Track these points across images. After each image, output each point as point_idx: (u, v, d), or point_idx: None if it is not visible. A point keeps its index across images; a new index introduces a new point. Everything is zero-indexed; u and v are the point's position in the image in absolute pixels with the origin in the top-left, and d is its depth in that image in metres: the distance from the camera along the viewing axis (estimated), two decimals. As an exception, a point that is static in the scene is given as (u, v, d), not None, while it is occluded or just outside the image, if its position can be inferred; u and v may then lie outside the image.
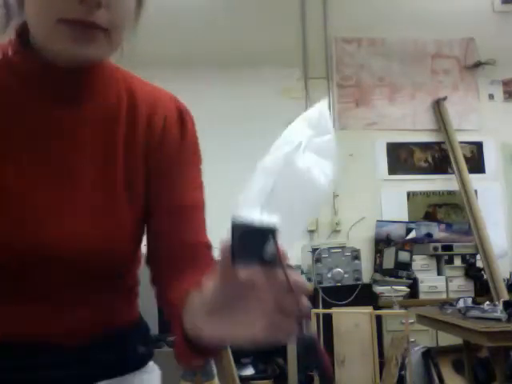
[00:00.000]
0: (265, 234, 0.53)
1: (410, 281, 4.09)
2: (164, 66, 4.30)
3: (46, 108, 0.77)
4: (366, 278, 4.14)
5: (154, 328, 3.17)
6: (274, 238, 0.53)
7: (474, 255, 4.17)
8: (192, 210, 0.86)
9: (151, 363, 0.92)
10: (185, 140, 0.87)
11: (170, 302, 0.76)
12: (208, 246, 0.86)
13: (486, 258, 4.05)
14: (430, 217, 4.58)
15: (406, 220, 4.51)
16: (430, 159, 4.68)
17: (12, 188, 0.73)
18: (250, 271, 0.53)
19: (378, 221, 4.46)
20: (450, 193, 4.59)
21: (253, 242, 0.53)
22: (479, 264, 4.16)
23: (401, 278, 4.08)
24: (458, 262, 4.17)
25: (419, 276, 4.12)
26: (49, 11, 0.70)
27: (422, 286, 4.09)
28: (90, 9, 0.69)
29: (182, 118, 0.89)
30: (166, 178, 0.84)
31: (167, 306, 0.78)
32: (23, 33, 0.76)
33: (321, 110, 0.72)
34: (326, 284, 3.92)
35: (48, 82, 0.76)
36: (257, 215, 0.54)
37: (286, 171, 0.60)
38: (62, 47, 0.71)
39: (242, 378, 3.41)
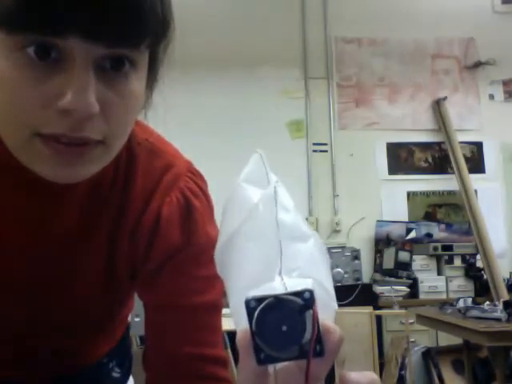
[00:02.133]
0: (303, 307, 0.36)
1: (410, 281, 4.09)
2: (164, 65, 4.30)
3: (23, 197, 0.63)
4: (366, 278, 4.14)
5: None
6: (313, 311, 0.36)
7: (474, 255, 4.17)
8: (200, 318, 0.70)
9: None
10: (188, 234, 0.70)
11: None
12: (219, 362, 0.71)
13: (486, 258, 4.05)
14: (430, 217, 4.58)
15: (406, 220, 4.51)
16: (430, 159, 4.68)
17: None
18: (288, 372, 0.37)
19: (377, 221, 4.46)
20: (449, 193, 4.59)
21: (284, 322, 0.36)
22: (479, 264, 4.16)
23: (401, 278, 4.08)
24: (458, 261, 4.17)
25: (419, 276, 4.12)
26: (20, 120, 0.52)
27: (422, 286, 4.09)
28: (79, 122, 0.51)
29: (189, 209, 0.70)
30: (155, 282, 0.71)
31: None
32: None
33: (255, 162, 0.56)
34: (325, 284, 3.92)
35: (30, 187, 0.62)
36: (278, 283, 0.39)
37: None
38: (40, 168, 0.54)
39: (242, 378, 3.40)
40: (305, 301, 0.36)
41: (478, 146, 4.71)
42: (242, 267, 0.44)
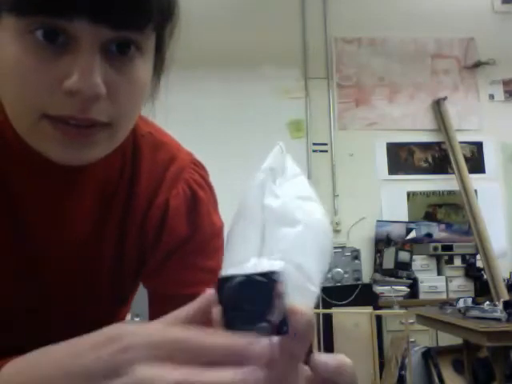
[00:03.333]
0: (269, 287, 0.37)
1: (410, 281, 4.09)
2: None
3: (39, 189, 0.64)
4: (366, 278, 4.14)
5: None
6: (281, 291, 0.38)
7: (474, 255, 4.17)
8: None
9: None
10: (194, 225, 0.71)
11: None
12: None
13: (486, 258, 4.05)
14: (430, 217, 4.58)
15: (406, 220, 4.51)
16: (430, 159, 4.68)
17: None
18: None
19: (377, 221, 4.46)
20: (449, 193, 4.59)
21: (253, 300, 0.37)
22: (479, 264, 4.15)
23: (401, 278, 4.08)
24: (457, 262, 4.17)
25: (419, 276, 4.11)
26: (29, 102, 0.53)
27: (422, 286, 4.09)
28: (85, 103, 0.52)
29: (195, 201, 0.72)
30: (162, 273, 0.72)
31: None
32: None
33: (277, 154, 0.57)
34: (326, 284, 3.92)
35: (43, 173, 0.63)
36: (252, 264, 0.42)
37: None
38: (48, 150, 0.55)
39: (242, 378, 3.41)
40: (270, 281, 0.37)
41: (478, 146, 4.71)
42: (230, 248, 0.47)
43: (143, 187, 0.69)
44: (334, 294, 3.86)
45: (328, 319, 3.63)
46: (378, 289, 4.03)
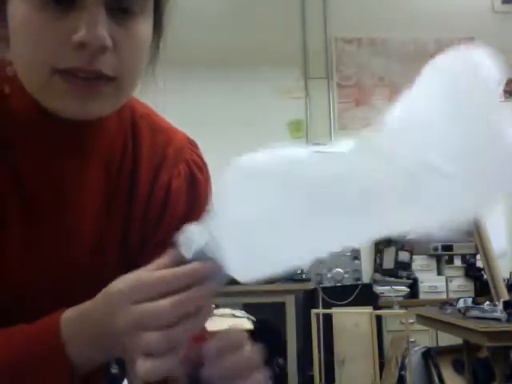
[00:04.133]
0: None
1: (410, 281, 4.09)
2: (164, 65, 4.30)
3: (45, 160, 0.66)
4: (365, 278, 4.14)
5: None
6: None
7: (474, 255, 4.17)
8: None
9: None
10: (194, 206, 0.74)
11: None
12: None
13: (486, 258, 4.05)
14: (430, 217, 4.58)
15: (406, 220, 4.51)
16: (430, 159, 4.68)
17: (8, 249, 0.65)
18: None
19: (378, 221, 4.46)
20: (450, 193, 4.59)
21: None
22: (479, 264, 4.15)
23: (401, 278, 4.08)
24: (458, 262, 4.17)
25: (419, 276, 4.12)
26: (40, 58, 0.56)
27: (422, 286, 4.09)
28: (93, 55, 0.55)
29: (193, 178, 0.75)
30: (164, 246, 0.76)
31: None
32: None
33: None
34: (325, 284, 3.92)
35: (48, 132, 0.65)
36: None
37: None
38: (59, 104, 0.59)
39: (241, 378, 3.41)
40: None
41: (478, 146, 4.71)
42: None
43: (145, 164, 0.72)
44: (333, 294, 3.86)
45: (328, 319, 3.63)
46: (378, 289, 4.03)
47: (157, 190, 0.72)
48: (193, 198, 0.74)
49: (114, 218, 0.71)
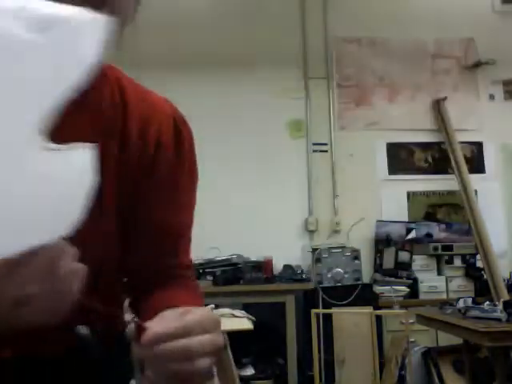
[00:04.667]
0: None
1: (410, 281, 4.09)
2: (165, 66, 4.30)
3: None
4: (365, 278, 4.14)
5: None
6: None
7: (474, 255, 4.17)
8: (177, 237, 0.85)
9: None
10: (181, 159, 0.83)
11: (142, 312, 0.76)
12: (187, 267, 0.87)
13: (486, 258, 4.05)
14: (430, 217, 4.58)
15: (406, 220, 4.51)
16: (429, 159, 4.68)
17: None
18: None
19: (377, 221, 4.46)
20: (449, 193, 4.59)
21: None
22: (479, 264, 4.15)
23: (401, 278, 4.08)
24: (458, 262, 4.17)
25: (419, 276, 4.12)
26: None
27: (422, 286, 4.09)
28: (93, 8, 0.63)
29: (179, 132, 0.83)
30: (155, 199, 0.81)
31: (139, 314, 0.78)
32: None
33: None
34: (326, 284, 3.92)
35: None
36: None
37: None
38: None
39: (241, 378, 3.41)
40: None
41: (478, 146, 4.71)
42: None
43: (135, 117, 0.79)
44: (333, 294, 3.86)
45: (328, 319, 3.63)
46: (378, 289, 4.03)
47: (149, 137, 0.79)
48: (179, 150, 0.82)
49: (107, 165, 0.74)
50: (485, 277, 4.07)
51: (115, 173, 0.76)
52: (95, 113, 0.76)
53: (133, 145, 0.78)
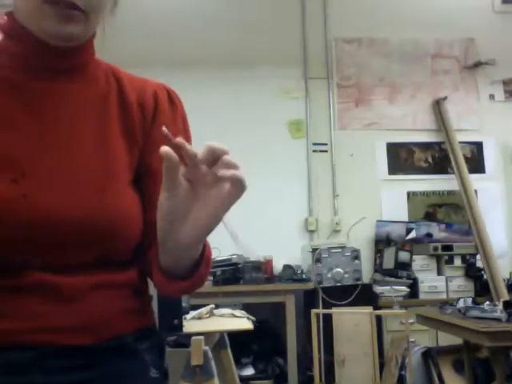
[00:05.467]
0: None
1: (410, 281, 4.09)
2: (165, 65, 4.30)
3: (39, 81, 0.80)
4: (365, 278, 4.14)
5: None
6: None
7: (474, 255, 4.17)
8: None
9: None
10: (176, 116, 0.91)
11: (148, 258, 0.79)
12: None
13: (486, 258, 4.05)
14: (429, 217, 4.58)
15: (406, 220, 4.51)
16: (429, 159, 4.68)
17: (14, 153, 0.74)
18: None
19: (377, 221, 4.46)
20: (449, 193, 4.59)
21: None
22: (479, 264, 4.15)
23: (401, 278, 4.08)
24: (458, 262, 4.16)
25: (419, 276, 4.11)
26: None
27: (422, 286, 4.09)
28: None
29: (171, 97, 0.92)
30: (156, 155, 0.84)
31: (146, 263, 0.81)
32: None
33: None
34: (326, 284, 3.92)
35: (39, 57, 0.80)
36: None
37: None
38: (46, 25, 0.77)
39: (241, 378, 3.41)
40: None
41: (478, 146, 4.71)
42: None
43: (130, 89, 0.88)
44: (333, 294, 3.86)
45: (328, 319, 3.63)
46: (378, 289, 4.03)
47: (146, 98, 0.88)
48: (174, 113, 0.90)
49: (111, 125, 0.83)
50: (485, 277, 4.07)
51: (120, 133, 0.83)
52: (90, 81, 0.85)
53: (132, 109, 0.86)
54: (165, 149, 0.63)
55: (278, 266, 4.13)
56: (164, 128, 0.65)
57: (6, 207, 0.70)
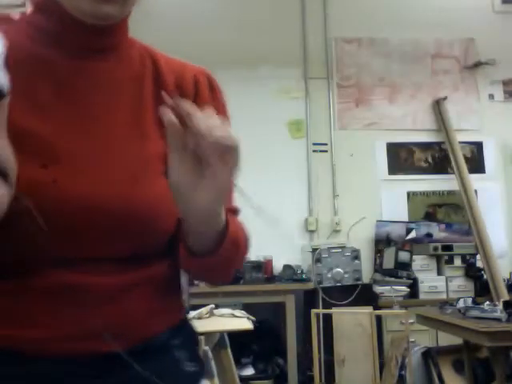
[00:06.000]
0: None
1: (410, 281, 4.09)
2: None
3: (72, 59, 0.76)
4: (365, 278, 4.14)
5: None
6: None
7: (474, 255, 4.17)
8: None
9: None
10: (218, 104, 0.86)
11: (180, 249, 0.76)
12: (233, 211, 0.85)
13: (486, 258, 4.05)
14: (429, 217, 4.58)
15: (406, 220, 4.51)
16: (429, 159, 4.68)
17: (45, 137, 0.70)
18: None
19: (377, 221, 4.46)
20: (449, 193, 4.59)
21: None
22: (479, 264, 4.15)
23: (401, 278, 4.08)
24: (458, 262, 4.17)
25: (419, 276, 4.11)
26: None
27: (422, 286, 4.09)
28: None
29: (212, 84, 0.90)
30: None
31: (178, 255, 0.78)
32: None
33: None
34: (326, 284, 3.92)
35: (74, 35, 0.76)
36: None
37: None
38: (82, 4, 0.73)
39: (241, 378, 3.41)
40: None
41: (478, 146, 4.71)
42: None
43: (167, 70, 0.84)
44: (333, 294, 3.86)
45: (328, 319, 3.63)
46: (378, 289, 4.03)
47: (185, 82, 0.84)
48: (215, 101, 0.86)
49: (145, 107, 0.79)
50: (485, 277, 4.07)
51: (156, 119, 0.77)
52: (124, 61, 0.81)
53: (170, 93, 0.79)
54: (168, 117, 0.63)
55: (278, 266, 4.13)
56: (164, 93, 0.64)
57: (35, 193, 0.65)
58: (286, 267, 4.06)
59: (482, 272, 4.11)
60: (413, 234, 4.41)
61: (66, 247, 0.68)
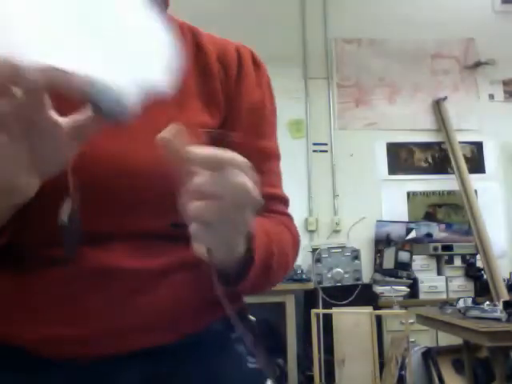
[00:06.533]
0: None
1: (410, 281, 4.09)
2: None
3: None
4: (366, 278, 4.14)
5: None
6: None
7: (474, 255, 4.17)
8: (267, 158, 0.78)
9: None
10: (262, 80, 0.83)
11: None
12: (280, 199, 0.79)
13: (486, 258, 4.05)
14: (429, 217, 4.58)
15: (406, 220, 4.51)
16: (429, 159, 4.68)
17: None
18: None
19: (377, 221, 4.46)
20: (449, 193, 4.59)
21: None
22: (479, 264, 4.16)
23: (401, 278, 4.08)
24: (457, 262, 4.17)
25: (419, 276, 4.12)
26: None
27: (422, 286, 4.09)
28: None
29: (255, 58, 0.85)
30: (241, 119, 0.77)
31: None
32: None
33: None
34: (326, 284, 3.92)
35: None
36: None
37: None
38: None
39: (241, 378, 3.40)
40: None
41: (478, 146, 4.71)
42: None
43: (209, 45, 0.79)
44: (333, 294, 3.86)
45: (328, 319, 3.63)
46: (378, 289, 4.03)
47: (229, 56, 0.79)
48: (258, 76, 0.82)
49: (186, 86, 0.71)
50: (485, 277, 4.07)
51: (197, 93, 0.73)
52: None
53: (212, 68, 0.76)
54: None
55: (277, 266, 4.13)
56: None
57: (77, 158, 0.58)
58: (286, 267, 4.06)
59: (482, 272, 4.11)
60: (413, 234, 4.41)
61: (103, 220, 0.62)
